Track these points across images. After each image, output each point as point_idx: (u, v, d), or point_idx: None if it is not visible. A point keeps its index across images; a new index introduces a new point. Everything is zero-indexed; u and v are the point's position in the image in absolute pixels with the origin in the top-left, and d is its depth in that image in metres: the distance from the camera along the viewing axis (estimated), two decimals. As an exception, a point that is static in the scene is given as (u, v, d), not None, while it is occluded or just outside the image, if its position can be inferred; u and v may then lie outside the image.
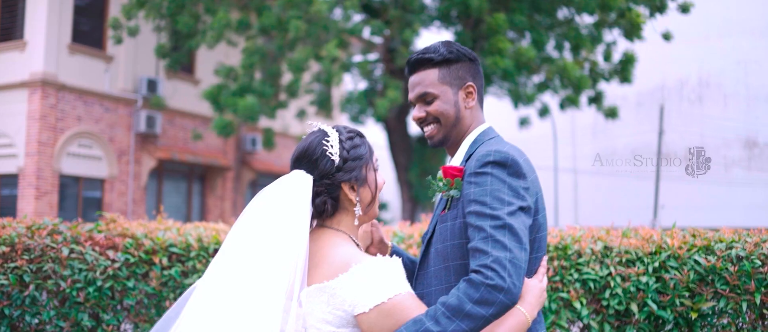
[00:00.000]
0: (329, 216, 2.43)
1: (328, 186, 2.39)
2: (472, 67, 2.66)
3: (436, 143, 2.65)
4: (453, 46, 2.62)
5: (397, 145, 18.90)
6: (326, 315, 2.26)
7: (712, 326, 4.04)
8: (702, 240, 4.21)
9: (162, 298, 4.27)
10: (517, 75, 16.59)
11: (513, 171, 2.37)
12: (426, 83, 2.60)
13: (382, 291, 2.21)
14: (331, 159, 2.39)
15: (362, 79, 18.52)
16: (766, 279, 3.94)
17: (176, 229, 4.48)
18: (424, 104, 2.62)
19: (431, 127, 2.63)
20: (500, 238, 2.22)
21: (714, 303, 3.99)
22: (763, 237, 4.20)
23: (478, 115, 2.67)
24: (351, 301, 2.22)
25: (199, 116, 20.14)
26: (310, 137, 2.46)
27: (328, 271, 2.28)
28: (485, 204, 2.30)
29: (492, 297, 2.14)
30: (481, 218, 2.27)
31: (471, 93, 2.63)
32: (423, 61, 2.62)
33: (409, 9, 16.67)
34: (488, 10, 16.05)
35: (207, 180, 21.39)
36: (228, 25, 15.33)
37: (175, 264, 4.30)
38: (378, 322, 2.21)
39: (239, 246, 2.31)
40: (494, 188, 2.33)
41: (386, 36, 17.33)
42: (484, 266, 2.18)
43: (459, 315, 2.14)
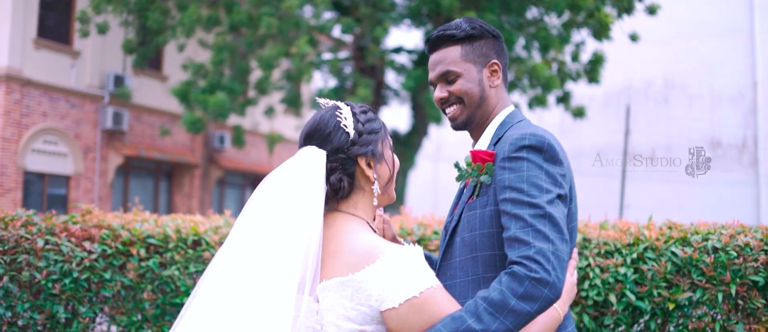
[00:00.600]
0: (345, 196, 2.22)
1: (344, 162, 2.20)
2: (496, 44, 2.50)
3: (460, 125, 2.50)
4: (476, 22, 2.48)
5: (366, 144, 18.85)
6: (348, 311, 2.06)
7: (689, 317, 4.09)
8: (679, 232, 4.27)
9: (139, 290, 4.22)
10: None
11: (549, 157, 2.22)
12: (448, 61, 2.45)
13: (413, 284, 2.02)
14: (345, 131, 2.20)
15: (332, 76, 18.47)
16: (741, 271, 3.99)
17: (154, 221, 4.43)
18: (446, 83, 2.46)
19: (454, 108, 2.47)
20: (541, 228, 2.07)
21: (690, 294, 4.04)
22: (738, 229, 4.27)
23: (504, 96, 2.52)
24: (378, 296, 2.02)
25: (167, 113, 19.96)
26: (321, 112, 2.29)
27: (351, 262, 2.07)
28: (522, 191, 2.15)
29: (537, 292, 1.99)
30: (519, 206, 2.12)
31: (496, 71, 2.48)
32: (444, 38, 2.46)
33: (380, 7, 16.66)
34: (459, 9, 16.10)
35: (174, 177, 21.21)
36: (199, 20, 15.20)
37: (153, 256, 4.25)
38: (408, 318, 2.02)
39: (246, 234, 2.13)
40: (531, 174, 2.18)
41: (356, 34, 17.31)
42: (527, 258, 2.03)
43: (503, 312, 1.98)
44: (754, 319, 4.00)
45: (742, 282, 3.99)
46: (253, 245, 2.09)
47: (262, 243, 2.07)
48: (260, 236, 2.09)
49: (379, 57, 16.67)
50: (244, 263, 2.07)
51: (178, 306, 4.21)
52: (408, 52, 18.94)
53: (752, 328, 3.97)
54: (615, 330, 4.14)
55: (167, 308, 4.24)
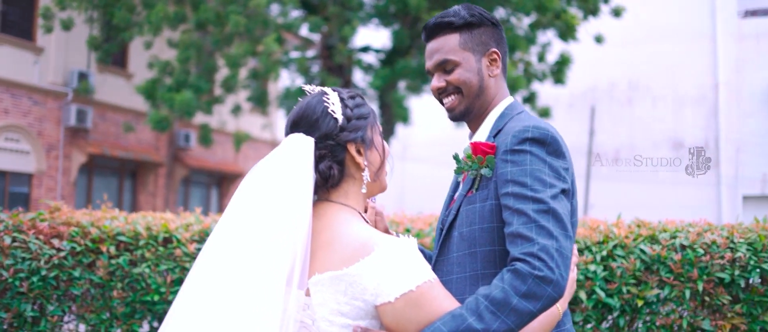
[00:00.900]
0: (335, 184, 2.14)
1: (333, 148, 2.12)
2: (496, 32, 2.42)
3: (457, 116, 2.41)
4: (475, 9, 2.39)
5: (333, 143, 18.85)
6: (342, 306, 1.98)
7: (657, 313, 4.15)
8: (647, 230, 4.33)
9: (109, 288, 4.17)
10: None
11: (553, 150, 2.15)
12: (446, 50, 2.36)
13: (409, 278, 1.94)
14: (333, 117, 2.13)
15: (299, 75, 18.42)
16: (708, 268, 4.06)
17: (123, 218, 4.38)
18: (444, 73, 2.38)
19: (452, 98, 2.38)
20: (545, 224, 1.99)
21: (659, 291, 4.10)
22: (705, 227, 4.34)
23: (503, 86, 2.44)
24: (373, 290, 1.94)
25: (132, 111, 19.74)
26: (307, 98, 2.21)
27: (345, 255, 1.99)
28: (525, 185, 2.07)
29: (540, 291, 1.92)
30: (522, 201, 2.05)
31: (495, 60, 2.39)
32: (442, 25, 2.37)
33: (348, 6, 16.67)
34: (427, 8, 16.15)
35: (138, 176, 20.99)
36: (166, 18, 15.05)
37: (123, 253, 4.20)
38: (404, 313, 1.94)
39: (233, 225, 2.05)
40: (534, 168, 2.10)
41: (324, 32, 17.29)
42: (530, 254, 1.95)
43: (504, 310, 1.91)
44: (720, 315, 4.07)
45: (708, 279, 4.05)
46: (240, 237, 2.01)
47: (249, 234, 1.99)
48: (247, 227, 2.01)
49: (346, 56, 16.67)
50: (231, 255, 1.99)
51: (149, 304, 4.18)
52: (375, 51, 18.95)
53: (718, 324, 4.04)
54: (584, 327, 4.18)
55: (137, 306, 4.20)
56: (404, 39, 16.85)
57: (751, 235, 4.15)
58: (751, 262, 4.03)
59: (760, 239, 4.09)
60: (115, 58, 18.86)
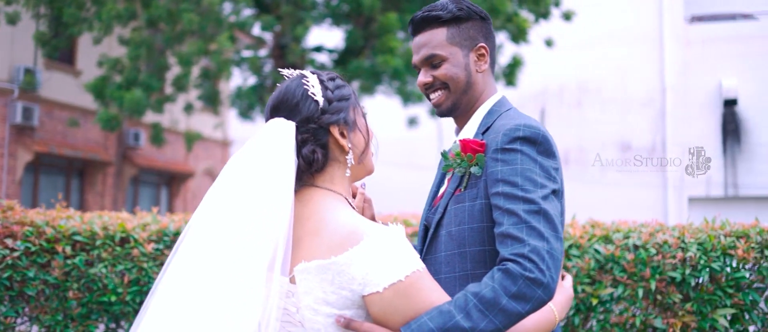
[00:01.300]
0: (319, 169, 2.10)
1: (315, 131, 2.08)
2: (484, 27, 2.40)
3: (444, 111, 2.39)
4: (463, 3, 2.36)
5: (286, 143, 18.79)
6: (328, 295, 1.94)
7: (610, 311, 4.23)
8: (601, 230, 4.41)
9: (65, 288, 4.10)
10: (407, 74, 16.81)
11: (544, 149, 2.14)
12: (433, 44, 2.34)
13: (398, 267, 1.91)
14: (314, 99, 2.09)
15: (252, 74, 18.30)
16: (660, 267, 4.15)
17: (79, 217, 4.31)
18: (431, 68, 2.36)
19: (439, 94, 2.37)
20: (536, 225, 1.97)
21: (612, 290, 4.18)
22: (656, 228, 4.44)
23: (491, 82, 2.41)
24: (361, 280, 1.91)
25: (80, 108, 19.39)
26: (286, 82, 2.17)
27: (333, 244, 1.94)
28: (516, 185, 2.05)
29: (530, 292, 1.89)
30: (513, 201, 2.03)
31: (483, 55, 2.38)
32: (429, 19, 2.35)
33: (301, 6, 16.62)
34: (380, 9, 16.20)
35: (86, 175, 20.63)
36: (117, 17, 14.82)
37: (79, 254, 4.14)
38: (393, 303, 1.90)
39: (213, 213, 1.99)
40: (525, 167, 2.08)
41: (277, 32, 17.21)
42: (521, 255, 1.93)
43: (493, 310, 1.88)
44: (671, 313, 4.17)
45: (660, 278, 4.15)
46: (221, 223, 1.96)
47: (229, 221, 1.95)
48: (228, 214, 1.97)
49: (299, 55, 16.61)
50: (212, 242, 1.94)
51: (105, 305, 4.12)
52: (328, 51, 18.92)
53: (669, 322, 4.13)
54: (540, 326, 4.24)
55: (94, 307, 4.13)
56: (357, 39, 16.86)
57: (701, 235, 4.26)
58: (701, 262, 4.13)
59: (710, 239, 4.20)
60: (63, 54, 18.51)
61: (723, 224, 4.44)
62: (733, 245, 4.18)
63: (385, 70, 15.88)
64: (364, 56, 16.95)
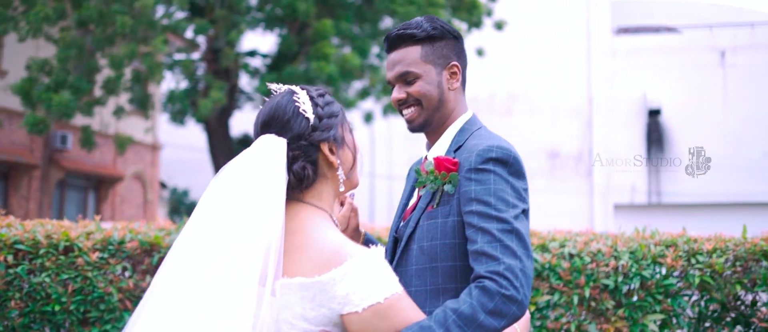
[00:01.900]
0: (309, 185, 2.13)
1: (306, 148, 2.11)
2: (457, 46, 2.46)
3: (416, 127, 2.44)
4: (437, 22, 2.42)
5: (218, 147, 18.62)
6: (307, 311, 1.98)
7: (547, 318, 4.38)
8: (538, 239, 4.56)
9: (7, 298, 4.03)
10: (341, 81, 16.88)
11: (515, 171, 2.22)
12: (407, 61, 2.39)
13: (378, 289, 1.96)
14: (305, 117, 2.11)
15: (184, 78, 18.11)
16: (594, 275, 4.33)
17: (21, 225, 4.25)
18: (405, 84, 2.41)
19: (412, 110, 2.41)
20: (509, 244, 2.06)
21: (549, 297, 4.33)
22: (591, 237, 4.62)
23: (462, 100, 2.48)
24: (342, 299, 1.95)
25: (5, 110, 18.86)
26: (276, 98, 2.18)
27: (318, 262, 1.99)
28: (489, 204, 2.13)
29: (506, 309, 1.98)
30: (486, 219, 2.11)
31: (455, 73, 2.43)
32: (404, 37, 2.40)
33: (236, 10, 16.53)
34: (315, 15, 16.23)
35: (11, 178, 20.07)
36: (46, 18, 14.45)
37: (22, 263, 4.08)
38: (371, 324, 1.95)
39: (205, 226, 2.03)
40: (498, 188, 2.16)
41: (210, 35, 17.08)
42: (497, 274, 2.01)
43: (471, 326, 1.96)
44: (604, 319, 4.35)
45: (594, 286, 4.32)
46: (212, 237, 1.99)
47: (221, 234, 1.98)
48: (219, 228, 1.99)
49: (233, 60, 16.53)
50: (203, 255, 1.97)
51: (49, 315, 4.08)
52: (262, 56, 18.85)
53: (603, 328, 4.31)
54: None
55: (36, 316, 4.08)
56: (292, 45, 16.85)
57: (633, 244, 4.46)
58: (633, 270, 4.32)
59: (641, 248, 4.40)
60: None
61: (653, 233, 4.65)
62: (662, 253, 4.38)
63: (319, 76, 15.90)
64: (298, 61, 16.95)
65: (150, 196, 23.15)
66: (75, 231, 4.21)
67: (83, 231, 4.22)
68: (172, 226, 4.46)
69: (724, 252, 4.36)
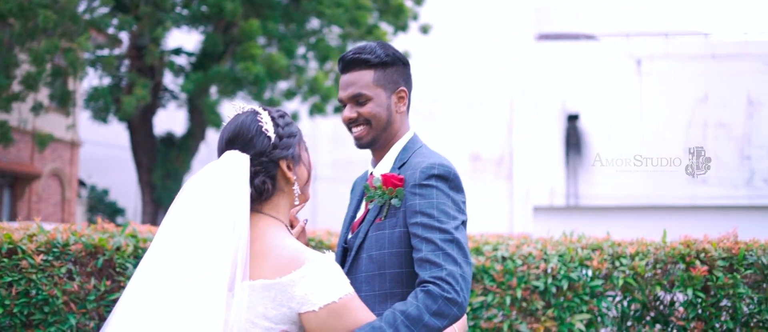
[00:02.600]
0: (268, 197, 2.32)
1: (266, 165, 2.31)
2: (405, 72, 2.65)
3: (364, 145, 2.62)
4: (389, 49, 2.61)
5: (140, 145, 18.38)
6: (268, 311, 2.17)
7: (481, 318, 4.59)
8: (473, 243, 4.76)
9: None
10: (268, 81, 16.88)
11: (454, 185, 2.44)
12: (360, 84, 2.57)
13: (333, 290, 2.16)
14: (267, 136, 2.31)
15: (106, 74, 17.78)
16: (525, 277, 4.55)
17: (-39, 227, 4.21)
18: (357, 105, 2.59)
19: (361, 128, 2.59)
20: (450, 252, 2.29)
21: (483, 298, 4.54)
22: (522, 241, 4.85)
23: (406, 121, 2.68)
24: (300, 299, 2.15)
25: None
26: (241, 117, 2.36)
27: (278, 266, 2.18)
28: (433, 216, 2.35)
29: (448, 310, 2.22)
30: (430, 230, 2.33)
31: (403, 98, 2.63)
32: (359, 61, 2.58)
33: (161, 7, 16.35)
34: (242, 14, 16.18)
35: None
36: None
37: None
38: (327, 322, 2.16)
39: (173, 236, 2.19)
40: (440, 201, 2.38)
41: (134, 32, 16.84)
42: (440, 279, 2.24)
43: (417, 325, 2.19)
44: (534, 319, 4.57)
45: (525, 287, 4.54)
46: (181, 246, 2.15)
47: (190, 244, 2.15)
48: (188, 237, 2.16)
49: (158, 57, 16.35)
50: (173, 265, 2.13)
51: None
52: (187, 54, 18.68)
53: (533, 327, 4.53)
54: None
55: (-22, 319, 4.06)
56: (217, 43, 16.76)
57: (561, 248, 4.70)
58: (562, 272, 4.56)
59: (569, 251, 4.64)
60: None
61: (579, 237, 4.90)
62: (588, 257, 4.63)
63: (246, 76, 15.88)
64: (224, 61, 16.86)
65: (68, 195, 22.63)
66: (17, 233, 4.19)
67: (26, 233, 4.21)
68: (115, 229, 4.48)
69: (645, 255, 4.63)
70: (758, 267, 4.48)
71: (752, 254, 4.51)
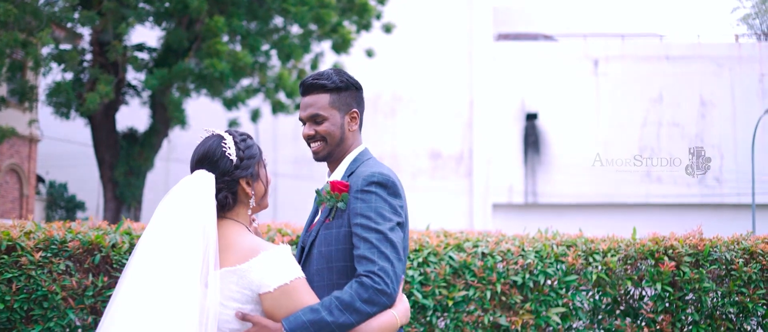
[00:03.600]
0: (230, 209, 2.72)
1: (228, 183, 2.70)
2: (358, 95, 3.01)
3: (320, 158, 2.97)
4: (344, 75, 2.96)
5: (103, 142, 18.30)
6: (234, 293, 2.58)
7: (463, 311, 4.79)
8: (454, 240, 4.97)
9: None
10: (233, 78, 16.91)
11: (392, 191, 2.79)
12: (318, 106, 2.91)
13: (285, 273, 2.57)
14: (230, 159, 2.70)
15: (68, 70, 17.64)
16: (504, 272, 4.77)
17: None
18: (314, 124, 2.92)
19: (318, 144, 2.92)
20: (384, 250, 2.64)
21: (465, 292, 4.74)
22: (500, 238, 5.06)
23: (358, 137, 3.02)
24: (258, 282, 2.56)
25: None
26: (209, 141, 2.76)
27: (238, 256, 2.60)
28: (370, 218, 2.70)
29: (377, 299, 2.59)
30: (367, 231, 2.68)
31: (355, 118, 2.96)
32: (317, 86, 2.93)
33: (125, 3, 16.27)
34: (207, 11, 16.17)
35: None
36: None
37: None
38: (279, 300, 2.57)
39: (154, 241, 2.59)
40: (377, 205, 2.73)
41: (97, 27, 16.72)
42: (372, 273, 2.60)
43: (349, 310, 2.56)
44: (513, 312, 4.79)
45: (505, 282, 4.75)
46: (160, 249, 2.56)
47: (168, 246, 2.56)
48: (167, 241, 2.57)
49: (121, 53, 16.28)
50: (155, 263, 2.54)
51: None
52: (150, 51, 18.62)
53: (512, 320, 4.75)
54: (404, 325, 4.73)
55: (-20, 314, 4.15)
56: (181, 40, 16.73)
57: (538, 244, 4.92)
58: (538, 267, 4.78)
59: (545, 248, 4.86)
60: None
61: (554, 234, 5.13)
62: (564, 253, 4.86)
63: (210, 72, 15.90)
64: (188, 57, 16.83)
65: (26, 191, 22.36)
66: (14, 230, 4.29)
67: (23, 231, 4.31)
68: (110, 226, 4.60)
69: (616, 251, 4.87)
70: (722, 262, 4.75)
71: (717, 250, 4.78)
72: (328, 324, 2.55)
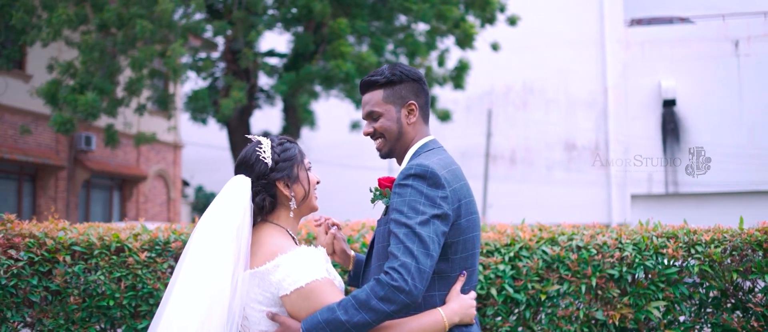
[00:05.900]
0: (269, 211, 2.80)
1: (265, 185, 2.77)
2: (415, 86, 2.95)
3: (384, 155, 2.98)
4: (397, 69, 2.94)
5: (239, 146, 19.01)
6: (258, 296, 2.66)
7: (557, 306, 4.73)
8: (548, 233, 4.92)
9: (66, 295, 4.46)
10: (358, 78, 17.19)
11: (432, 182, 2.67)
12: (372, 103, 2.92)
13: (301, 276, 2.60)
14: (264, 162, 2.78)
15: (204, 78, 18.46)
16: (600, 265, 4.67)
17: (75, 229, 4.68)
18: (372, 121, 2.94)
19: (379, 141, 2.95)
20: (409, 245, 2.55)
21: (559, 287, 4.68)
22: (597, 230, 4.96)
23: (421, 129, 2.97)
24: (276, 284, 2.62)
25: (31, 113, 19.35)
26: (247, 147, 2.87)
27: (260, 258, 2.68)
28: (402, 213, 2.62)
29: (394, 296, 2.49)
30: (397, 225, 2.61)
31: (413, 110, 2.92)
32: (369, 83, 2.95)
33: (253, 11, 16.86)
34: (331, 14, 16.53)
35: (38, 179, 20.59)
36: (68, 21, 14.86)
37: (79, 262, 4.51)
38: (297, 303, 2.60)
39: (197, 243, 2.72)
40: (412, 198, 2.64)
41: (228, 37, 17.42)
42: (392, 269, 2.52)
43: (365, 308, 2.50)
44: (610, 307, 4.68)
45: (600, 276, 4.66)
46: (200, 250, 2.70)
47: (205, 248, 2.68)
48: (204, 244, 2.70)
49: (252, 60, 16.88)
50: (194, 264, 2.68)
51: (104, 309, 4.50)
52: (279, 56, 19.20)
53: (609, 314, 4.65)
54: (495, 319, 4.73)
55: (93, 311, 4.51)
56: (308, 44, 17.16)
57: (636, 236, 4.78)
58: (637, 260, 4.65)
59: (644, 239, 4.73)
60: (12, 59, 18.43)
61: (655, 226, 4.97)
62: (664, 245, 4.70)
63: (336, 74, 16.23)
64: (315, 60, 17.26)
65: (173, 195, 23.63)
66: (124, 233, 4.63)
67: (131, 233, 4.64)
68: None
69: (721, 242, 4.67)
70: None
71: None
72: (342, 323, 2.51)
